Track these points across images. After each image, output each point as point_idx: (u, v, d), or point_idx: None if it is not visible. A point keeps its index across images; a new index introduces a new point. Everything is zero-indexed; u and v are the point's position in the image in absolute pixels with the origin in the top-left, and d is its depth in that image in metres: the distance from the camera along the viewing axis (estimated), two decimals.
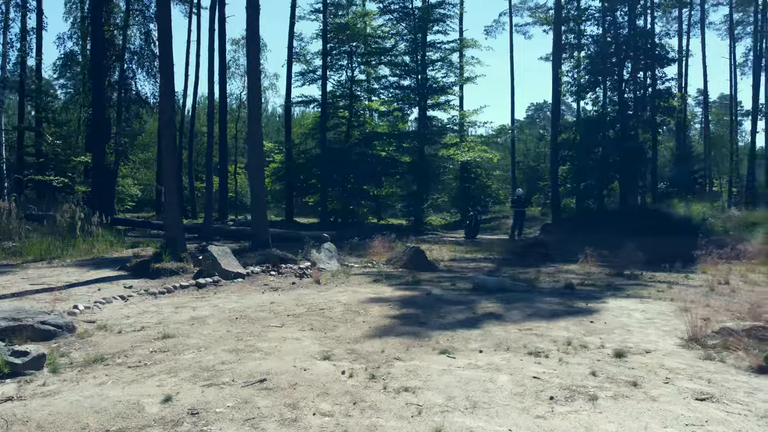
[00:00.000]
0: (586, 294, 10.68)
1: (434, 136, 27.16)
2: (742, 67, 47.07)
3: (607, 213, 27.20)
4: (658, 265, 14.89)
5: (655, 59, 27.27)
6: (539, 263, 15.86)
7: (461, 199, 33.58)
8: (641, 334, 7.61)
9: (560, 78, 29.58)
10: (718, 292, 10.95)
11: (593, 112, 29.56)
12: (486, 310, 9.15)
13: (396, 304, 9.61)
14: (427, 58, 27.27)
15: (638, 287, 11.63)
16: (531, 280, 12.24)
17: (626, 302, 9.81)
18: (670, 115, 28.77)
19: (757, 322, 7.38)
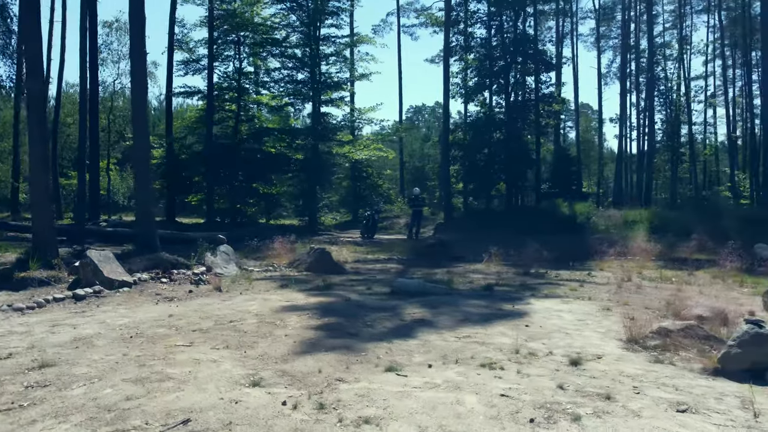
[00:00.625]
0: (506, 295, 10.39)
1: (328, 133, 26.31)
2: (605, 77, 50.79)
3: (496, 212, 27.86)
4: (558, 263, 15.16)
5: (541, 63, 28.38)
6: (445, 263, 15.58)
7: (352, 199, 33.01)
8: (581, 337, 7.31)
9: (450, 79, 29.92)
10: (626, 290, 11.13)
11: (481, 114, 30.19)
12: (414, 316, 8.49)
13: (315, 312, 8.69)
14: (321, 52, 26.37)
15: (551, 286, 11.58)
16: (446, 281, 11.80)
17: (549, 303, 9.60)
18: (554, 118, 30.12)
19: (688, 321, 7.34)
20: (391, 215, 32.71)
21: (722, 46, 49.98)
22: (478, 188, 29.05)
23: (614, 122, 46.15)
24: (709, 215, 21.55)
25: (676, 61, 48.02)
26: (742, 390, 5.31)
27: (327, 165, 26.87)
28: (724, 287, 11.68)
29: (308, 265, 13.51)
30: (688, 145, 46.74)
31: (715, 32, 52.22)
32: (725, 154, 54.05)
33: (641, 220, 21.65)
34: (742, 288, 11.68)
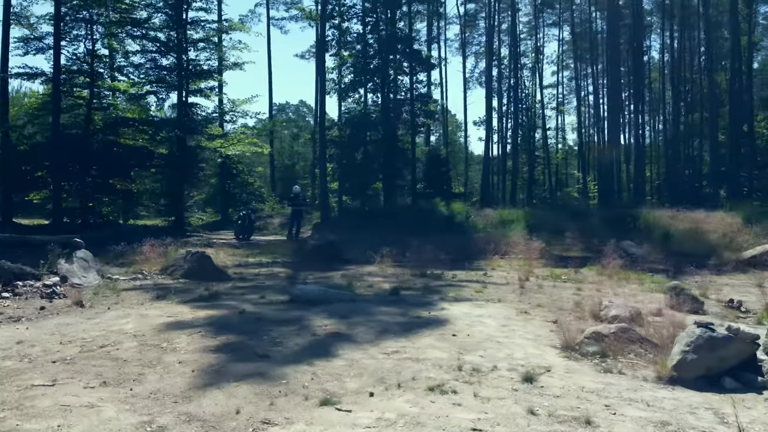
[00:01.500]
0: (416, 300, 9.64)
1: (197, 125, 24.12)
2: (469, 81, 52.67)
3: (374, 212, 27.36)
4: (452, 263, 14.80)
5: (416, 62, 28.36)
6: (336, 266, 14.59)
7: (221, 197, 30.87)
8: (515, 346, 6.71)
9: (326, 74, 29.01)
10: (529, 290, 10.90)
11: (357, 112, 29.57)
12: (326, 329, 7.44)
13: (208, 329, 7.33)
14: (189, 36, 24.13)
15: (455, 288, 11.06)
16: (346, 286, 10.83)
17: (463, 307, 9.00)
18: (431, 118, 30.31)
19: (620, 324, 7.03)
20: (264, 215, 31.04)
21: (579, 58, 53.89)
22: (354, 187, 28.38)
23: (478, 125, 48.05)
24: (577, 215, 22.65)
25: (531, 71, 51.16)
26: (710, 401, 4.95)
27: (195, 160, 24.67)
28: (615, 284, 11.89)
29: (185, 272, 11.87)
30: (542, 149, 49.91)
31: (562, 45, 56.41)
32: (575, 158, 58.43)
33: (517, 219, 22.21)
34: (631, 284, 11.96)
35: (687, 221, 20.16)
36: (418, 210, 25.50)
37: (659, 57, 54.27)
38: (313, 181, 37.88)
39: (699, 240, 17.94)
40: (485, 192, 37.72)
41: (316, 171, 37.08)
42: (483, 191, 38.10)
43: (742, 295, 10.59)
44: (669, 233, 18.77)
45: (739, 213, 19.75)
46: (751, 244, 16.99)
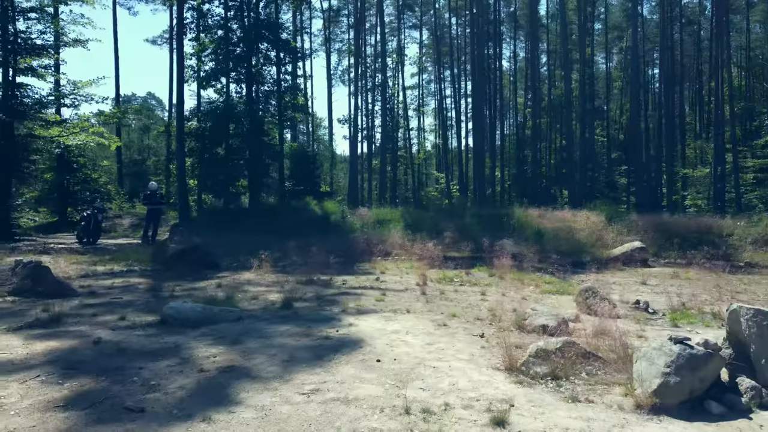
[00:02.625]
0: (313, 314, 8.23)
1: (29, 109, 20.30)
2: (333, 77, 51.70)
3: (240, 211, 25.22)
4: (338, 267, 13.52)
5: (285, 52, 26.62)
6: (206, 273, 12.67)
7: (58, 195, 26.77)
8: (454, 371, 5.61)
9: (185, 61, 26.23)
10: (433, 297, 9.95)
11: (220, 103, 27.13)
12: (216, 361, 5.82)
13: (49, 371, 5.39)
14: (17, 4, 20.22)
15: (351, 297, 9.79)
16: (226, 299, 9.12)
17: (372, 321, 7.76)
18: (300, 111, 28.67)
19: (563, 338, 6.20)
20: (112, 215, 27.46)
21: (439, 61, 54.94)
22: (217, 184, 25.95)
23: (343, 123, 47.15)
24: (453, 215, 22.42)
25: (393, 71, 51.33)
26: None
27: (26, 151, 20.84)
28: (513, 286, 11.37)
29: (16, 287, 9.38)
30: (405, 150, 50.37)
31: (422, 48, 57.48)
32: (435, 158, 59.81)
33: (394, 219, 21.45)
34: (527, 285, 11.50)
35: (555, 220, 20.67)
36: (289, 209, 23.84)
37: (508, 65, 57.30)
38: (168, 177, 34.52)
39: (570, 238, 18.35)
40: (353, 191, 36.86)
41: (171, 166, 33.82)
42: (350, 190, 37.20)
43: (635, 294, 10.49)
44: (542, 232, 19.04)
45: (602, 212, 20.63)
46: (617, 241, 17.66)
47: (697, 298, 10.10)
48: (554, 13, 50.24)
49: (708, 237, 17.71)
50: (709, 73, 43.26)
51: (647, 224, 18.72)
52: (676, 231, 18.06)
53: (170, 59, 35.01)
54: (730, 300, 9.85)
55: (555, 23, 50.83)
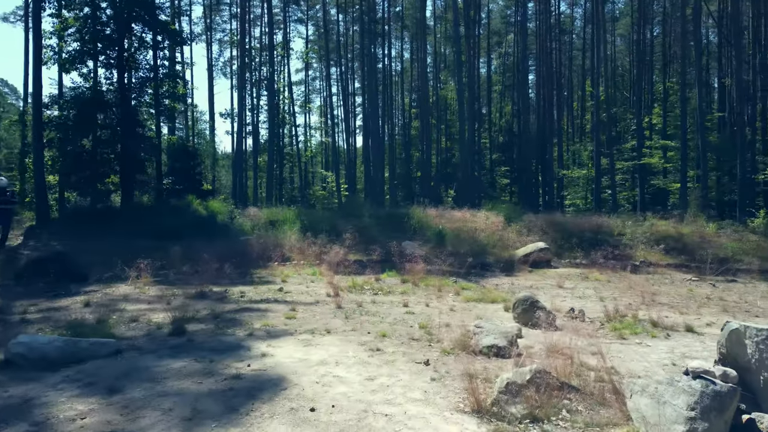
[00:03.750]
0: (215, 341, 6.63)
1: None
2: (215, 69, 48.56)
3: (110, 212, 22.26)
4: (228, 275, 11.78)
5: (163, 34, 23.95)
6: (69, 288, 10.45)
7: None
8: (415, 422, 4.40)
9: (43, 40, 22.79)
10: (351, 311, 8.65)
11: (85, 89, 23.87)
12: (86, 426, 4.14)
13: None
14: None
15: (256, 314, 8.25)
16: (97, 324, 7.23)
17: (290, 348, 6.34)
18: (179, 102, 25.99)
19: (534, 365, 5.19)
20: None
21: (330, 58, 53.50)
22: (83, 181, 22.74)
23: (225, 118, 44.24)
24: (351, 215, 21.17)
25: (279, 65, 49.22)
26: None
27: None
28: (431, 294, 10.39)
29: None
30: (291, 147, 48.46)
31: (309, 44, 55.80)
32: (321, 157, 58.32)
33: (289, 219, 19.81)
34: (447, 293, 10.57)
35: (454, 220, 20.14)
36: (169, 209, 21.37)
37: (395, 65, 57.19)
38: (24, 172, 30.19)
39: (472, 239, 17.83)
40: (238, 190, 34.55)
41: (27, 160, 29.58)
42: (235, 189, 34.86)
43: (559, 300, 9.92)
44: (443, 233, 18.38)
45: (501, 212, 20.41)
46: (518, 242, 17.39)
47: (620, 301, 9.70)
48: (440, 14, 50.76)
49: (602, 236, 17.95)
50: (582, 80, 45.68)
51: (545, 224, 18.69)
52: (573, 231, 18.16)
53: (25, 39, 30.60)
54: (650, 302, 9.55)
55: (441, 25, 51.42)
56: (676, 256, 15.58)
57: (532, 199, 35.59)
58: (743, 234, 16.76)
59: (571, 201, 35.18)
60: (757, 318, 8.39)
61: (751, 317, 8.48)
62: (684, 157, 26.32)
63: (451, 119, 51.28)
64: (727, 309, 8.96)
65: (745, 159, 22.08)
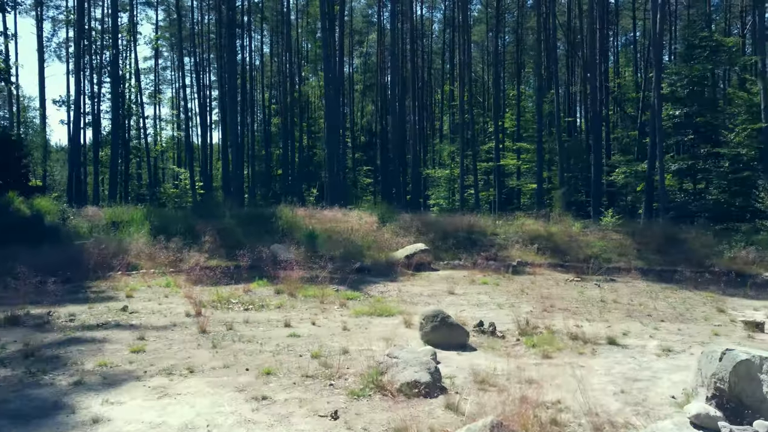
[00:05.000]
0: (22, 402, 4.58)
1: None
2: (45, 50, 42.52)
3: None
4: (55, 290, 9.27)
5: None
6: None
7: None
8: None
9: None
10: (219, 336, 6.84)
11: None
12: None
13: None
14: None
15: (89, 348, 6.18)
16: None
17: (136, 407, 4.49)
18: (1, 81, 21.66)
19: (486, 420, 3.91)
20: None
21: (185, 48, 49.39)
22: None
23: (60, 105, 38.69)
24: (211, 215, 18.77)
25: (125, 51, 44.38)
26: None
27: None
28: (313, 307, 8.84)
29: None
30: (138, 141, 43.86)
31: (159, 29, 51.16)
32: (172, 153, 53.84)
33: (136, 220, 17.00)
34: (331, 304, 9.07)
35: (325, 220, 18.65)
36: None
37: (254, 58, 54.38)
38: None
39: (346, 241, 16.48)
40: (75, 187, 30.19)
41: None
42: (71, 186, 30.45)
43: (452, 308, 8.87)
44: (314, 234, 16.81)
45: (374, 212, 19.26)
46: (395, 243, 16.34)
47: (520, 308, 8.87)
48: (302, 8, 48.93)
49: (476, 236, 17.50)
50: (441, 82, 46.42)
51: (421, 224, 17.85)
52: (448, 231, 17.51)
53: None
54: (550, 308, 8.84)
55: (302, 19, 49.58)
56: (550, 255, 15.44)
57: (396, 198, 35.21)
58: (606, 233, 17.15)
59: (435, 201, 35.27)
60: (663, 323, 7.92)
61: (656, 321, 8.00)
62: (540, 159, 27.16)
63: (313, 117, 49.75)
64: (631, 314, 8.46)
65: (600, 162, 23.08)
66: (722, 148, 19.32)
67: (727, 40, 22.36)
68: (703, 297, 10.21)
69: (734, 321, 8.02)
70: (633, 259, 14.85)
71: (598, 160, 22.53)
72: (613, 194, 27.15)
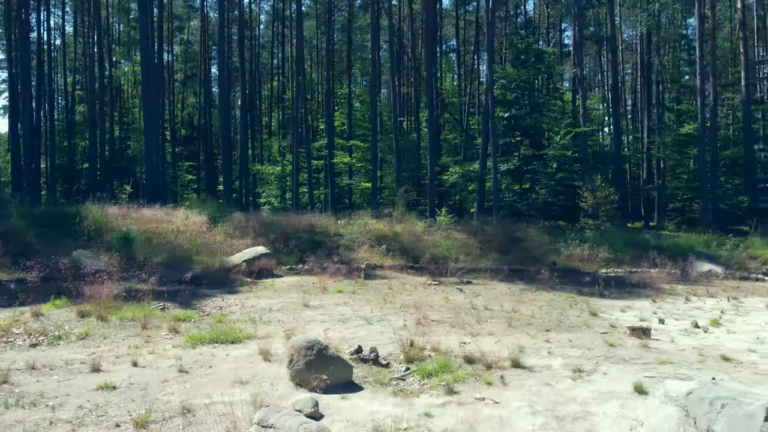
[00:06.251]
0: None
1: None
2: None
3: None
4: None
5: None
6: None
7: None
8: None
9: None
10: None
11: None
12: None
13: None
14: None
15: None
16: None
17: None
18: None
19: None
20: None
21: None
22: None
23: None
24: None
25: None
26: None
27: None
28: (130, 334, 6.65)
29: None
30: None
31: None
32: None
33: None
34: (160, 330, 6.95)
35: (144, 221, 15.75)
36: None
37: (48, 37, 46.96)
38: None
39: (171, 245, 13.94)
40: None
41: None
42: None
43: (312, 326, 7.34)
44: (130, 237, 13.97)
45: (204, 211, 16.74)
46: (230, 246, 14.22)
47: (391, 321, 7.61)
48: None
49: (319, 237, 16.02)
50: (271, 77, 44.17)
51: (258, 224, 15.86)
52: (289, 232, 15.79)
53: None
54: (424, 320, 7.69)
55: None
56: (398, 256, 14.53)
57: (223, 197, 32.35)
58: (449, 232, 16.77)
59: (266, 199, 33.09)
60: (549, 333, 7.15)
61: (541, 331, 7.20)
62: (374, 158, 26.56)
63: (127, 106, 44.38)
64: (511, 324, 7.60)
65: (435, 162, 22.98)
66: (548, 150, 20.17)
67: (547, 49, 23.61)
68: (564, 298, 9.87)
69: (614, 326, 7.56)
70: (478, 259, 14.53)
71: (434, 160, 22.39)
72: (442, 194, 27.51)
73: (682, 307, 9.20)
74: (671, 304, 9.39)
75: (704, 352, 6.07)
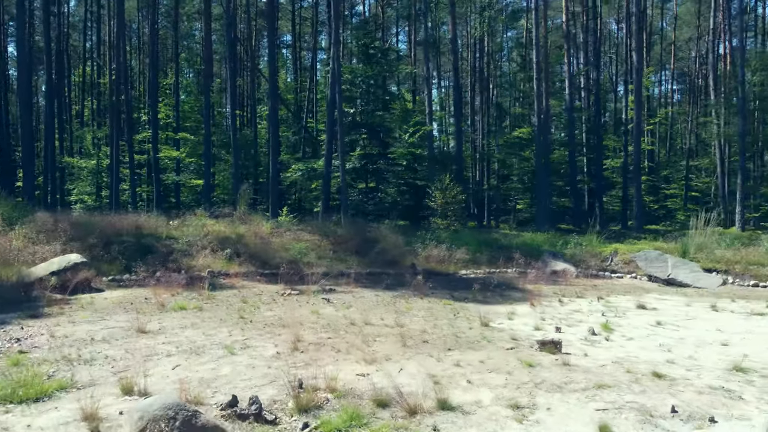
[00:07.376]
0: None
1: None
2: None
3: None
4: None
5: None
6: None
7: None
8: None
9: None
10: None
11: None
12: None
13: None
14: None
15: None
16: None
17: None
18: None
19: None
20: None
21: None
22: None
23: None
24: None
25: None
26: None
27: None
28: None
29: None
30: None
31: None
32: None
33: None
34: None
35: None
36: None
37: None
38: None
39: None
40: None
41: None
42: None
43: (151, 365, 5.51)
44: None
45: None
46: (34, 254, 11.23)
47: (261, 350, 6.01)
48: None
49: (147, 241, 13.49)
50: (84, 62, 38.36)
51: (70, 226, 12.84)
52: (110, 235, 13.04)
53: None
54: (298, 344, 6.20)
55: None
56: (246, 262, 12.71)
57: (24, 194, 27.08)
58: (298, 233, 15.28)
59: (78, 197, 28.36)
60: (452, 352, 6.09)
61: (443, 351, 6.12)
62: (208, 153, 24.04)
63: None
64: (405, 342, 6.41)
65: (277, 159, 21.24)
66: (395, 148, 19.56)
67: (392, 48, 23.13)
68: (443, 305, 9.00)
69: (516, 338, 6.75)
70: (334, 262, 13.29)
71: (275, 156, 20.64)
72: (282, 192, 25.81)
73: (561, 310, 8.83)
74: (550, 308, 8.99)
75: (629, 368, 5.47)
